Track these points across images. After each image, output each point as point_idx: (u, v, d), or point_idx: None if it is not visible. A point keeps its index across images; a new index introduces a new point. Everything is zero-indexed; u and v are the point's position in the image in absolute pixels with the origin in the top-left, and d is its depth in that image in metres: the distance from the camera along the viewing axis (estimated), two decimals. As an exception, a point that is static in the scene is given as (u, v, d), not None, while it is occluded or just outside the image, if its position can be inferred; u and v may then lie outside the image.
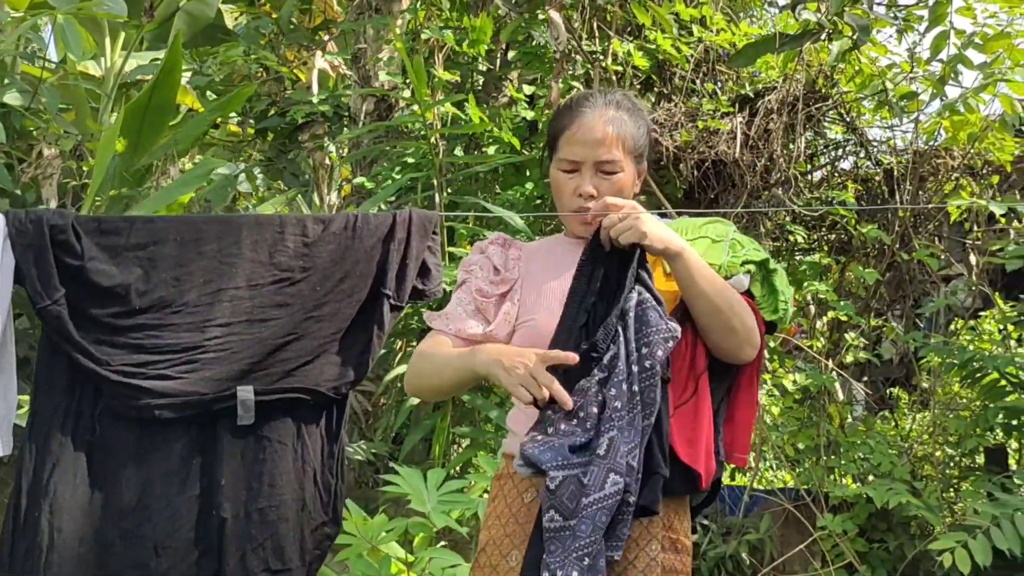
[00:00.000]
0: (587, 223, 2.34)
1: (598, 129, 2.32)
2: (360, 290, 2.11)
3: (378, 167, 5.41)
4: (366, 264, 2.12)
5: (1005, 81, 4.80)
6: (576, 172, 2.33)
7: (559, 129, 2.38)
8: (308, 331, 2.10)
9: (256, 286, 2.09)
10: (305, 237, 2.11)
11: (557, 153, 2.37)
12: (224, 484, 2.09)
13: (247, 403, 2.05)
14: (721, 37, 5.39)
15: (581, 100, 2.41)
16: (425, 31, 4.91)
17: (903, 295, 5.48)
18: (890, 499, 4.66)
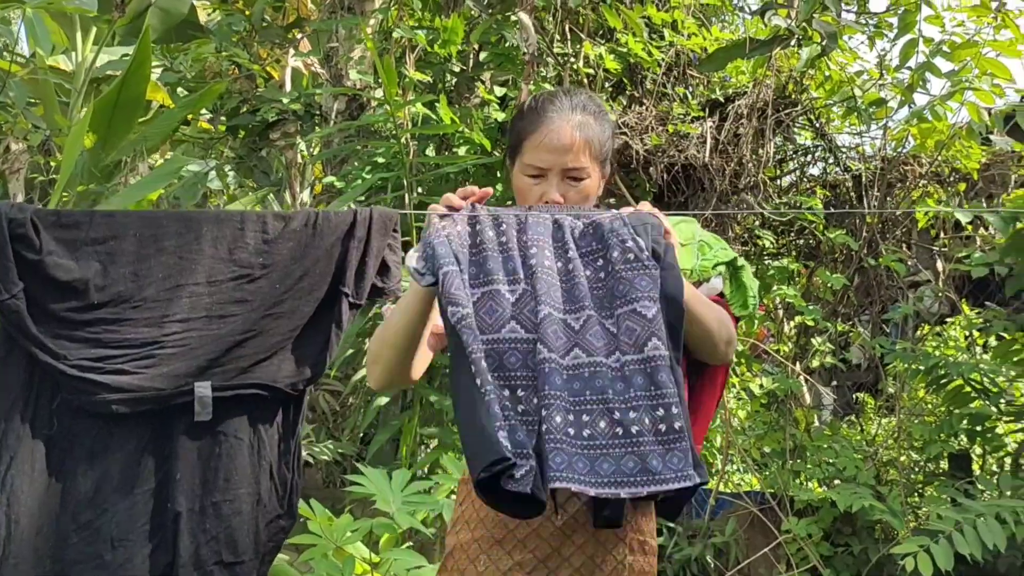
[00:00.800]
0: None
1: (565, 135, 2.25)
2: (319, 288, 2.12)
3: (348, 167, 5.40)
4: (326, 262, 2.12)
5: (972, 90, 4.84)
6: (542, 178, 2.26)
7: (524, 132, 2.31)
8: (266, 328, 2.10)
9: (215, 282, 2.09)
10: (265, 234, 2.11)
11: (521, 157, 2.30)
12: (179, 479, 2.09)
13: (204, 399, 2.05)
14: (692, 41, 5.41)
15: (546, 103, 2.33)
16: (396, 31, 4.90)
17: (871, 301, 5.51)
18: (854, 503, 4.69)
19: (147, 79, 5.70)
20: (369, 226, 2.13)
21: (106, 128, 5.51)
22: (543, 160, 2.25)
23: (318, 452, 4.95)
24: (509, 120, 5.18)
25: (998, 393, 5.07)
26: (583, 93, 2.43)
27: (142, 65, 5.59)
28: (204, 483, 2.11)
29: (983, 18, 4.81)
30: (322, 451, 4.96)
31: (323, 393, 5.59)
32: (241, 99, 6.12)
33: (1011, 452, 5.25)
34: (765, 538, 5.05)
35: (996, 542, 4.17)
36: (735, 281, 2.42)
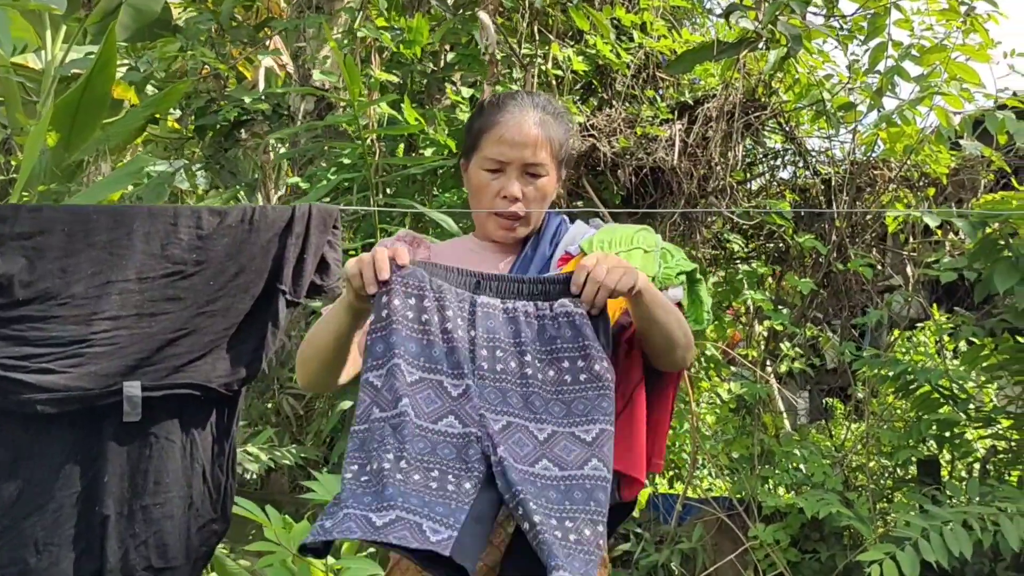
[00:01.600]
0: (507, 229, 2.30)
1: (526, 130, 2.25)
2: (255, 285, 2.05)
3: (314, 167, 5.34)
4: (262, 259, 2.06)
5: (941, 94, 4.82)
6: (501, 173, 2.26)
7: (483, 127, 2.30)
8: (200, 326, 2.04)
9: (147, 279, 2.02)
10: (200, 230, 2.05)
11: (480, 152, 2.29)
12: (108, 481, 2.03)
13: (133, 399, 1.99)
14: (661, 43, 5.38)
15: (507, 99, 2.34)
16: (361, 30, 4.84)
17: (840, 306, 5.48)
18: (820, 509, 4.66)
19: (112, 78, 5.63)
20: (308, 222, 2.07)
21: (69, 127, 5.44)
22: (503, 154, 2.24)
23: (280, 456, 4.87)
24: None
25: (966, 399, 5.05)
26: (544, 95, 2.43)
27: (107, 64, 5.52)
28: (133, 486, 2.05)
29: (952, 22, 4.79)
30: (284, 455, 4.88)
31: (287, 397, 5.53)
32: (209, 99, 6.05)
33: (979, 458, 5.23)
34: (733, 544, 5.01)
35: (962, 549, 4.15)
36: (692, 294, 2.39)
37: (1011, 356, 4.91)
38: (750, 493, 5.10)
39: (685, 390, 5.12)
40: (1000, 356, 4.98)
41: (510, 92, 2.41)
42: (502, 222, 2.28)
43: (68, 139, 5.43)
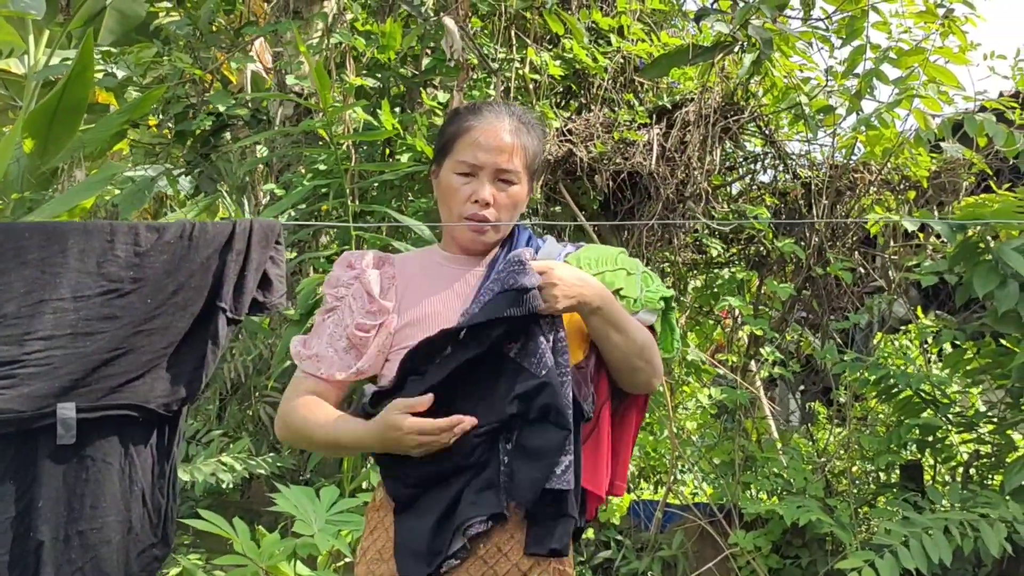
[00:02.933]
0: (477, 232, 2.28)
1: (502, 135, 2.26)
2: (194, 303, 2.00)
3: (289, 173, 5.30)
4: (202, 275, 2.00)
5: (919, 97, 4.78)
6: (473, 177, 2.25)
7: (457, 131, 2.29)
8: (137, 345, 1.98)
9: (82, 298, 1.98)
10: (137, 246, 2.00)
11: (453, 156, 2.28)
12: (42, 506, 1.98)
13: (68, 421, 1.94)
14: (639, 47, 5.34)
15: (483, 106, 2.34)
16: (335, 35, 4.81)
17: (822, 309, 5.44)
18: (800, 517, 4.63)
19: (89, 84, 5.60)
20: (249, 238, 2.02)
21: (45, 134, 5.41)
22: (477, 158, 2.24)
23: (255, 466, 4.83)
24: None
25: (948, 403, 5.02)
26: (519, 105, 2.48)
27: (84, 70, 5.49)
28: (69, 510, 2.00)
29: (930, 25, 4.75)
30: (259, 464, 4.84)
31: (263, 405, 5.49)
32: (188, 104, 6.01)
33: (962, 462, 5.19)
34: (715, 551, 4.98)
35: (942, 556, 4.13)
36: (666, 321, 2.38)
37: (993, 360, 4.88)
38: (731, 499, 5.07)
39: (663, 396, 5.09)
40: (982, 360, 4.94)
41: (486, 100, 2.42)
42: (472, 225, 2.26)
43: (44, 146, 5.40)
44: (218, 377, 5.60)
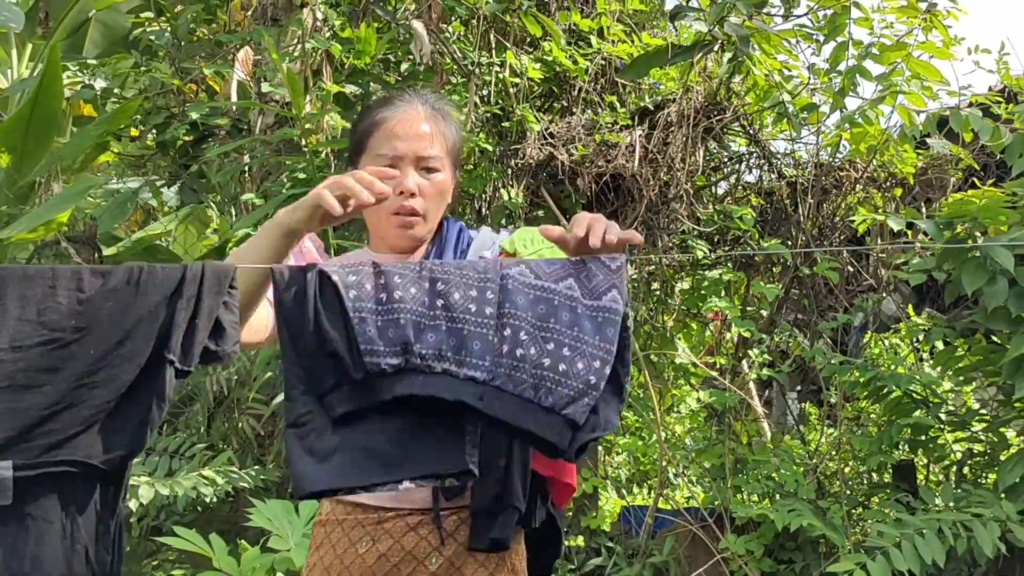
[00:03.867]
0: (404, 227, 2.19)
1: (418, 123, 2.18)
2: (141, 354, 1.89)
3: (269, 183, 5.25)
4: (149, 324, 1.90)
5: (902, 93, 4.72)
6: (395, 168, 2.10)
7: (371, 126, 2.20)
8: (80, 399, 1.88)
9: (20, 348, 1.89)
10: (80, 292, 1.91)
11: (370, 151, 2.18)
12: (-21, 569, 1.91)
13: (5, 481, 1.86)
14: (619, 48, 5.27)
15: (392, 97, 2.27)
16: (309, 42, 4.75)
17: (810, 309, 5.39)
18: (792, 520, 4.58)
19: (59, 96, 5.55)
20: (200, 284, 1.93)
21: (20, 148, 5.36)
22: (396, 148, 2.15)
23: (237, 479, 4.78)
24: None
25: (939, 403, 4.97)
26: (431, 93, 2.33)
27: (53, 82, 5.43)
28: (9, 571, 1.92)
29: (912, 19, 4.68)
30: (242, 478, 4.80)
31: (247, 417, 5.44)
32: (169, 114, 5.95)
33: (955, 461, 5.14)
34: (707, 556, 4.94)
35: (935, 557, 4.10)
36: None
37: (984, 357, 4.83)
38: (722, 504, 5.03)
39: (651, 400, 5.04)
40: (973, 357, 4.89)
41: (397, 92, 2.33)
42: (399, 219, 2.17)
43: (20, 159, 5.35)
44: (202, 390, 5.57)
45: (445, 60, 4.76)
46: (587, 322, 1.77)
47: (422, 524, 2.14)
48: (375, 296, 1.77)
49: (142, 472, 5.06)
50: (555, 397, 1.73)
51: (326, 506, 2.23)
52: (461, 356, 1.74)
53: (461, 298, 1.77)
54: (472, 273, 1.80)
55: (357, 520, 2.17)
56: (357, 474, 1.77)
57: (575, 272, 1.80)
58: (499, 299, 1.78)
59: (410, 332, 1.74)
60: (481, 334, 1.75)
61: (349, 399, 1.75)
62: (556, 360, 1.74)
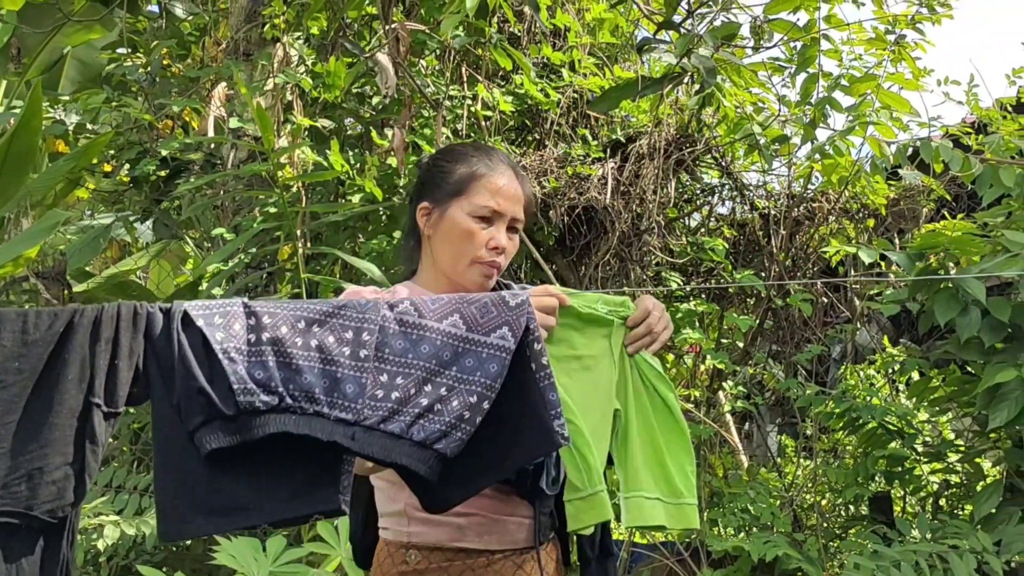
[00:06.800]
0: (488, 277, 2.27)
1: (516, 186, 2.28)
2: (73, 398, 1.85)
3: (240, 217, 5.23)
4: (78, 368, 1.86)
5: (872, 124, 4.73)
6: (490, 223, 2.24)
7: (472, 174, 2.27)
8: (17, 447, 1.83)
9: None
10: (25, 334, 1.86)
11: (471, 198, 2.25)
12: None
13: (-52, 533, 1.79)
14: (591, 81, 5.28)
15: (489, 150, 2.36)
16: (279, 76, 4.75)
17: (784, 341, 5.38)
18: (767, 552, 4.55)
19: (37, 132, 5.52)
20: (117, 324, 1.87)
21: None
22: (500, 205, 2.24)
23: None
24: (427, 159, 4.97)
25: (914, 434, 4.95)
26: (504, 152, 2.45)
27: (33, 118, 5.40)
28: (-48, 630, 1.84)
29: (881, 51, 4.71)
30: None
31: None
32: (142, 150, 5.93)
33: (932, 492, 5.12)
34: (684, 590, 4.90)
35: (910, 590, 4.07)
36: None
37: (958, 388, 4.82)
38: (698, 537, 4.98)
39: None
40: (948, 388, 4.88)
41: (482, 146, 2.42)
42: (484, 268, 2.26)
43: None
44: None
45: (413, 93, 4.75)
46: (469, 359, 1.80)
47: (526, 562, 2.22)
48: (245, 337, 1.78)
49: (110, 511, 4.98)
50: (426, 433, 1.76)
51: (413, 555, 2.21)
52: (333, 398, 1.76)
53: (336, 341, 1.79)
54: (352, 313, 1.82)
55: (465, 564, 2.19)
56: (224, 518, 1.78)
57: (461, 308, 1.84)
58: (377, 340, 1.79)
59: (281, 373, 1.75)
60: (354, 377, 1.77)
61: (220, 436, 1.74)
62: (433, 400, 1.77)
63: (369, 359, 1.78)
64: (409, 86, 4.75)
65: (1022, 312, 4.25)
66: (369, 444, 1.74)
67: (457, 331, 1.81)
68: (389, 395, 1.76)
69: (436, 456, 1.76)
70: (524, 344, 1.82)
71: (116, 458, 5.83)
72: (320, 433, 1.73)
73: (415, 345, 1.79)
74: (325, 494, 1.77)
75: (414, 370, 1.78)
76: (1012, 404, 4.17)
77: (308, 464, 1.78)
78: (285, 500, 1.77)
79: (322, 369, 1.76)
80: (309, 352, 1.76)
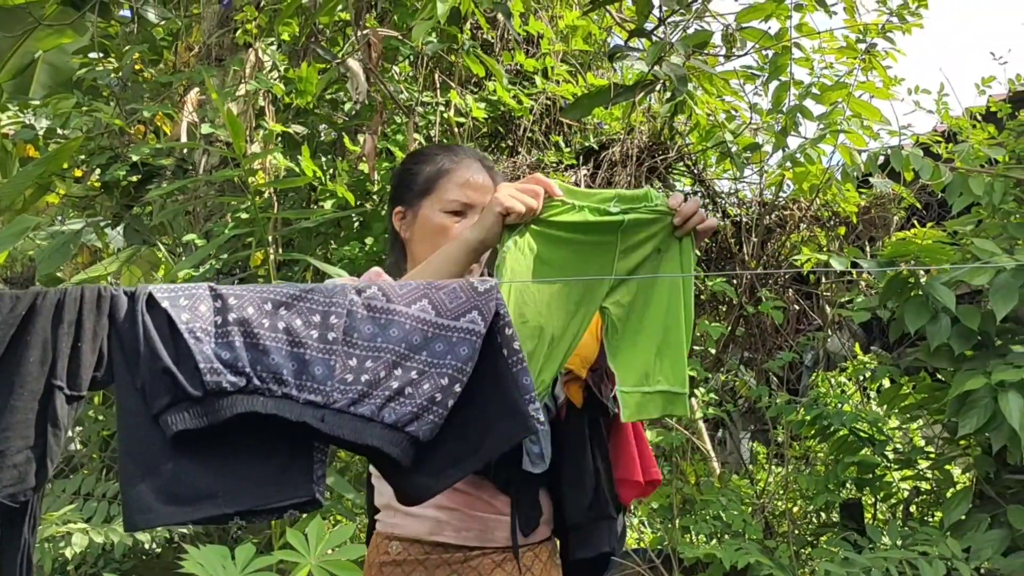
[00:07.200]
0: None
1: (483, 177, 2.31)
2: (36, 381, 1.83)
3: (212, 223, 5.20)
4: (40, 351, 1.84)
5: (843, 132, 4.75)
6: (462, 216, 2.27)
7: (440, 171, 2.31)
8: None
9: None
10: None
11: (439, 194, 2.29)
12: None
13: (-91, 517, 1.78)
14: (563, 88, 5.29)
15: (455, 148, 2.41)
16: (251, 82, 4.73)
17: (756, 348, 5.39)
18: (739, 559, 4.55)
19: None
20: (80, 307, 1.86)
21: (-39, 189, 5.28)
22: (469, 197, 2.27)
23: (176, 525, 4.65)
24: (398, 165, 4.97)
25: (884, 441, 4.97)
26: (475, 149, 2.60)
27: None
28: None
29: (852, 60, 4.73)
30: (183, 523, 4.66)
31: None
32: (113, 155, 5.89)
33: (902, 499, 5.14)
34: (655, 597, 4.89)
35: (880, 597, 4.08)
36: None
37: (928, 395, 4.84)
38: (670, 544, 4.98)
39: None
40: (918, 395, 4.90)
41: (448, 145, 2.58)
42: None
43: (-37, 203, 5.27)
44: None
45: (385, 99, 4.74)
46: (439, 343, 1.78)
47: (506, 560, 2.21)
48: (211, 318, 1.75)
49: (79, 518, 4.94)
50: (397, 415, 1.73)
51: (395, 545, 2.23)
52: (301, 380, 1.73)
53: (303, 324, 1.77)
54: (319, 297, 1.80)
55: (442, 559, 2.20)
56: (191, 507, 1.73)
57: (429, 294, 1.82)
58: (345, 324, 1.77)
59: (248, 354, 1.73)
60: (323, 359, 1.75)
61: (186, 418, 1.71)
62: (403, 383, 1.75)
63: (337, 342, 1.75)
64: (381, 92, 4.74)
65: (991, 320, 4.27)
66: (339, 426, 1.72)
67: (426, 316, 1.79)
68: (359, 378, 1.74)
69: (408, 439, 1.74)
70: (495, 330, 1.80)
71: (85, 465, 5.78)
72: (289, 413, 1.71)
73: (384, 329, 1.77)
74: (297, 483, 1.74)
75: (384, 354, 1.76)
76: (981, 411, 4.19)
77: (279, 453, 1.75)
78: (255, 488, 1.73)
79: (290, 351, 1.74)
80: (276, 334, 1.74)
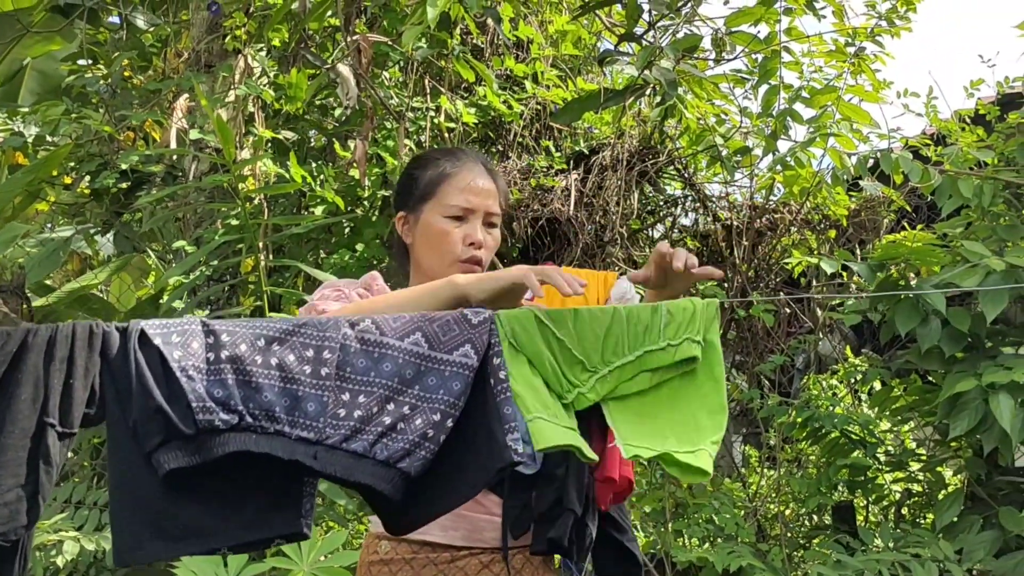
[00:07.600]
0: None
1: (486, 181, 2.31)
2: (27, 419, 1.81)
3: (202, 230, 5.19)
4: (32, 388, 1.83)
5: (833, 135, 4.77)
6: (464, 220, 2.27)
7: (441, 176, 2.31)
8: None
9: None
10: None
11: (440, 199, 2.29)
12: None
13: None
14: (553, 93, 5.29)
15: (456, 152, 2.41)
16: (240, 88, 4.72)
17: (747, 351, 5.39)
18: (731, 563, 4.55)
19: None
20: (72, 343, 1.85)
21: (-50, 199, 5.26)
22: (470, 201, 2.27)
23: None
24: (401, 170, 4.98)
25: (876, 443, 4.97)
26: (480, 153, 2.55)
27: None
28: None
29: (841, 64, 4.75)
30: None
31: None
32: (102, 162, 5.87)
33: (894, 501, 5.15)
34: (648, 601, 4.89)
35: (873, 599, 4.09)
36: None
37: (919, 397, 4.85)
38: (663, 548, 4.98)
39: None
40: (909, 398, 4.91)
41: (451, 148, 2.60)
42: (465, 267, 2.27)
43: (-49, 211, 5.25)
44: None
45: (375, 104, 4.74)
46: (432, 377, 1.77)
47: (494, 562, 2.20)
48: (204, 355, 1.74)
49: (70, 527, 4.92)
50: (390, 451, 1.73)
51: (384, 545, 2.25)
52: (294, 417, 1.73)
53: (296, 359, 1.76)
54: (312, 331, 1.79)
55: (428, 559, 2.20)
56: (181, 542, 1.74)
57: (423, 326, 1.81)
58: (338, 359, 1.77)
59: (240, 391, 1.72)
60: (316, 395, 1.74)
61: (178, 456, 1.71)
62: (396, 419, 1.74)
63: (330, 377, 1.75)
64: (371, 98, 4.73)
65: (981, 322, 4.28)
66: (331, 463, 1.71)
67: (419, 349, 1.78)
68: (351, 414, 1.73)
69: (399, 475, 1.74)
70: (485, 359, 1.80)
71: (76, 473, 5.77)
72: (281, 452, 1.70)
73: (377, 363, 1.76)
74: (285, 518, 1.75)
75: (376, 388, 1.75)
76: (972, 413, 4.20)
77: (268, 488, 1.75)
78: (243, 525, 1.74)
79: (282, 387, 1.73)
80: (269, 370, 1.74)
